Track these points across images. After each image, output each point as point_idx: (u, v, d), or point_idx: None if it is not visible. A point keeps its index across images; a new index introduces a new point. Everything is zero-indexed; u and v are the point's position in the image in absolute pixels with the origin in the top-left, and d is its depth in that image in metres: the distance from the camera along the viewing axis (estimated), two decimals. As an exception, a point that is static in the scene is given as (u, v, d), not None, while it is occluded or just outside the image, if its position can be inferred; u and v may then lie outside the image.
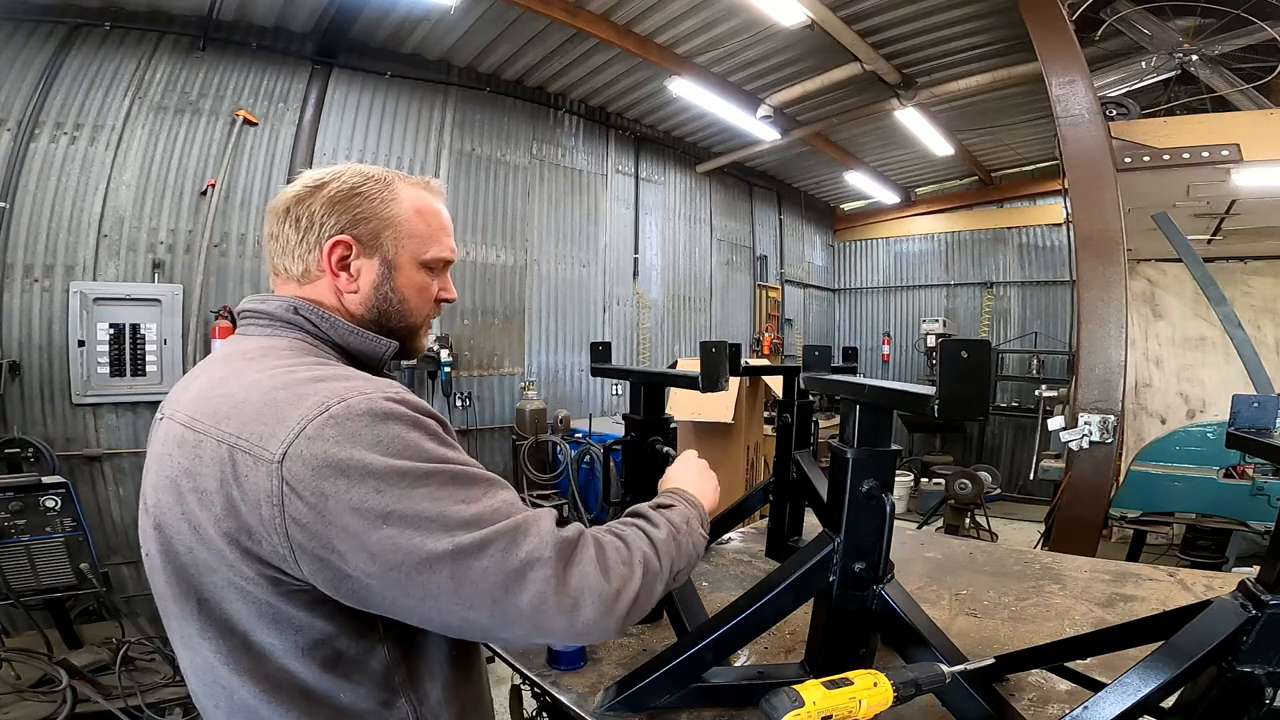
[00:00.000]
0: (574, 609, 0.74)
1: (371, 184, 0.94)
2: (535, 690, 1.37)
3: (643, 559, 0.84)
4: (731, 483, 4.07)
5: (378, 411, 0.73)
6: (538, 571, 0.73)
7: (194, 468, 0.75)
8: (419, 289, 0.98)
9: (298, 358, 0.85)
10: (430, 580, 0.70)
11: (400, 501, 0.70)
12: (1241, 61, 3.89)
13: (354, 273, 0.93)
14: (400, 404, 0.76)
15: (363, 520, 0.69)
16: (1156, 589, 1.77)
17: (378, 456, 0.71)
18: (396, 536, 0.69)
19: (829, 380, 1.25)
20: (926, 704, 1.04)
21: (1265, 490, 3.37)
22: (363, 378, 0.81)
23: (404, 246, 0.95)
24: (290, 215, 0.93)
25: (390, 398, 0.76)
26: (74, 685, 2.62)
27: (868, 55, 5.28)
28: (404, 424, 0.74)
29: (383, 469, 0.70)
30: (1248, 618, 0.83)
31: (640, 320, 7.41)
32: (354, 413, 0.72)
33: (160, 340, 4.27)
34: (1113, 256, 3.41)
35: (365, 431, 0.71)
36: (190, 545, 0.75)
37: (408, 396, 0.79)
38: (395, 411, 0.74)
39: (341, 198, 0.92)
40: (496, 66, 5.84)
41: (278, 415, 0.72)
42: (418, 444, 0.74)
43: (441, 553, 0.70)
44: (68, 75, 4.06)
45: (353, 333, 0.92)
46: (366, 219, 0.92)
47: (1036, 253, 8.85)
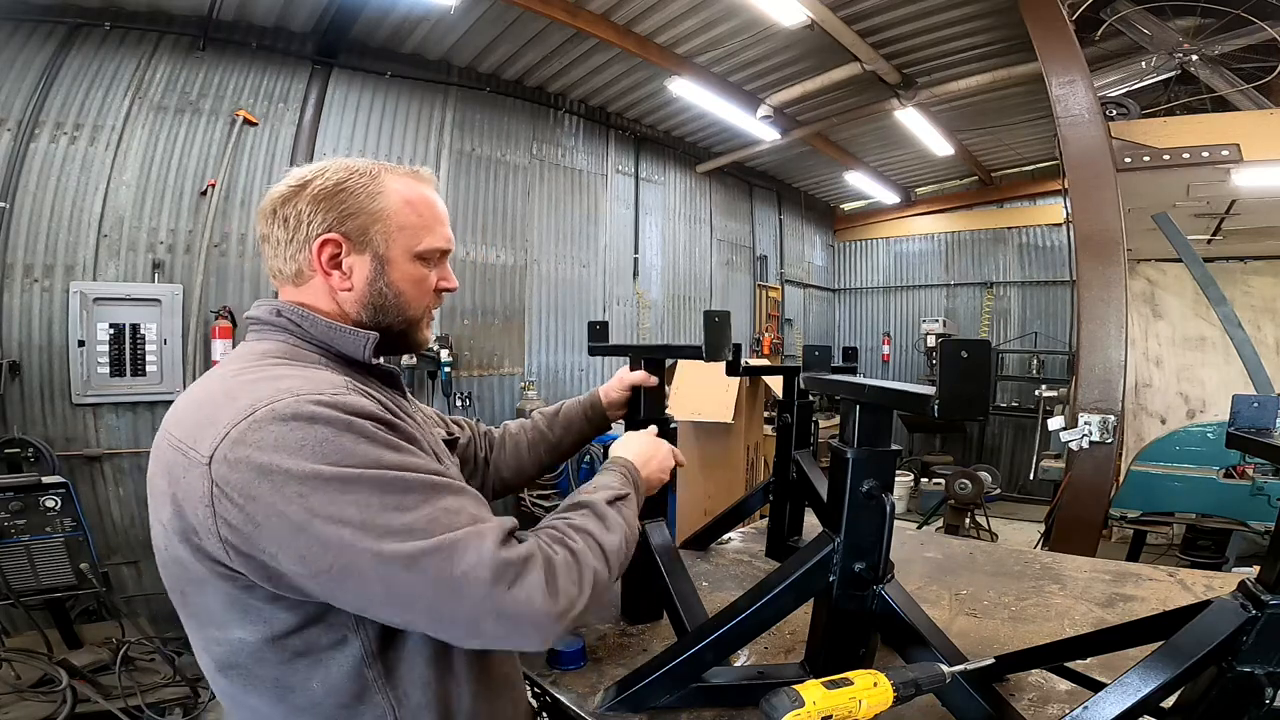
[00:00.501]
0: (512, 629, 0.74)
1: (357, 178, 0.92)
2: (535, 690, 1.37)
3: (593, 577, 0.82)
4: (731, 483, 4.07)
5: (303, 414, 0.72)
6: (473, 590, 0.72)
7: (156, 470, 0.78)
8: (415, 281, 0.96)
9: (262, 360, 0.85)
10: (361, 584, 0.71)
11: (326, 507, 0.69)
12: (1241, 61, 3.89)
13: (346, 270, 0.92)
14: (330, 406, 0.74)
15: (288, 525, 0.69)
16: (1156, 589, 1.77)
17: (300, 460, 0.70)
18: (321, 541, 0.69)
19: (829, 380, 1.25)
20: (926, 704, 1.04)
21: (1265, 490, 3.37)
22: (302, 378, 0.79)
23: (395, 240, 0.93)
24: (278, 216, 0.92)
25: (321, 400, 0.74)
26: (74, 685, 2.62)
27: (868, 55, 5.28)
28: (333, 427, 0.73)
29: (306, 473, 0.70)
30: (1248, 618, 0.83)
31: (640, 320, 7.41)
32: (278, 416, 0.72)
33: (160, 340, 4.27)
34: (1113, 256, 3.41)
35: (288, 434, 0.71)
36: (164, 544, 0.78)
37: (343, 398, 0.77)
38: (322, 415, 0.73)
39: (326, 194, 0.90)
40: (496, 66, 5.84)
41: (211, 418, 0.74)
42: (348, 448, 0.72)
43: (368, 561, 0.69)
44: (68, 75, 4.06)
45: (330, 328, 0.90)
46: (353, 215, 0.91)
47: (1036, 253, 8.85)
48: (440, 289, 1.00)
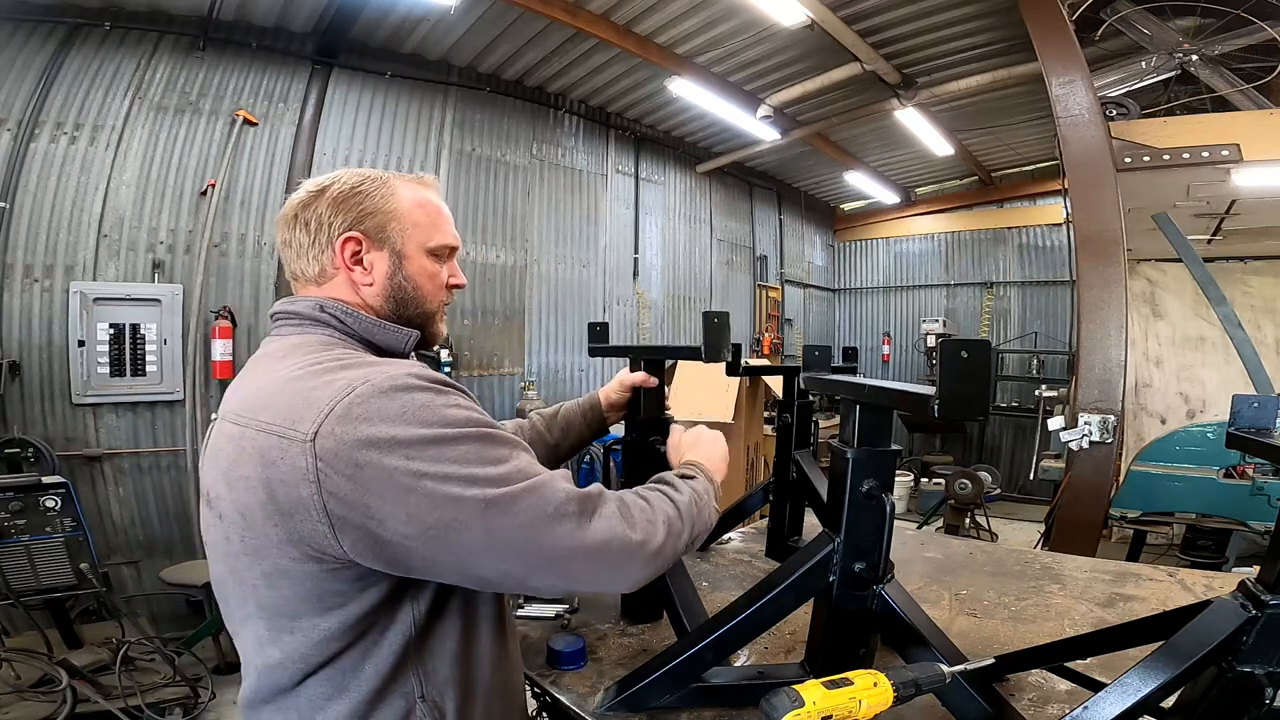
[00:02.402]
0: (600, 556, 0.81)
1: (370, 182, 0.99)
2: (535, 690, 1.37)
3: (665, 518, 0.90)
4: (731, 483, 4.07)
5: (399, 385, 0.78)
6: (564, 525, 0.79)
7: (238, 458, 0.80)
8: (429, 275, 1.02)
9: (326, 351, 0.89)
10: (464, 537, 0.75)
11: (432, 465, 0.74)
12: (1241, 61, 3.89)
13: (367, 266, 0.98)
14: (420, 378, 0.80)
15: (397, 486, 0.73)
16: (1156, 589, 1.77)
17: (405, 427, 0.75)
18: (430, 498, 0.74)
19: (829, 380, 1.24)
20: (926, 704, 1.04)
21: (1265, 490, 3.37)
22: (386, 362, 0.86)
23: (410, 236, 0.99)
24: (299, 220, 0.98)
25: (412, 373, 0.81)
26: (74, 685, 2.62)
27: (868, 55, 5.28)
28: (428, 393, 0.79)
29: (411, 437, 0.75)
30: (1248, 618, 0.83)
31: (640, 320, 7.41)
32: (378, 390, 0.77)
33: (160, 340, 4.27)
34: (1113, 256, 3.41)
35: (390, 405, 0.76)
36: (242, 533, 0.80)
37: (427, 371, 0.83)
38: (417, 384, 0.79)
39: (345, 197, 0.97)
40: (496, 66, 5.84)
41: (307, 400, 0.77)
42: (443, 410, 0.78)
43: (473, 510, 0.75)
44: (68, 75, 4.05)
45: (377, 325, 0.96)
46: (371, 214, 0.97)
47: (1036, 253, 8.85)
48: (451, 285, 1.06)
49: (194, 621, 3.85)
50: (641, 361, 1.59)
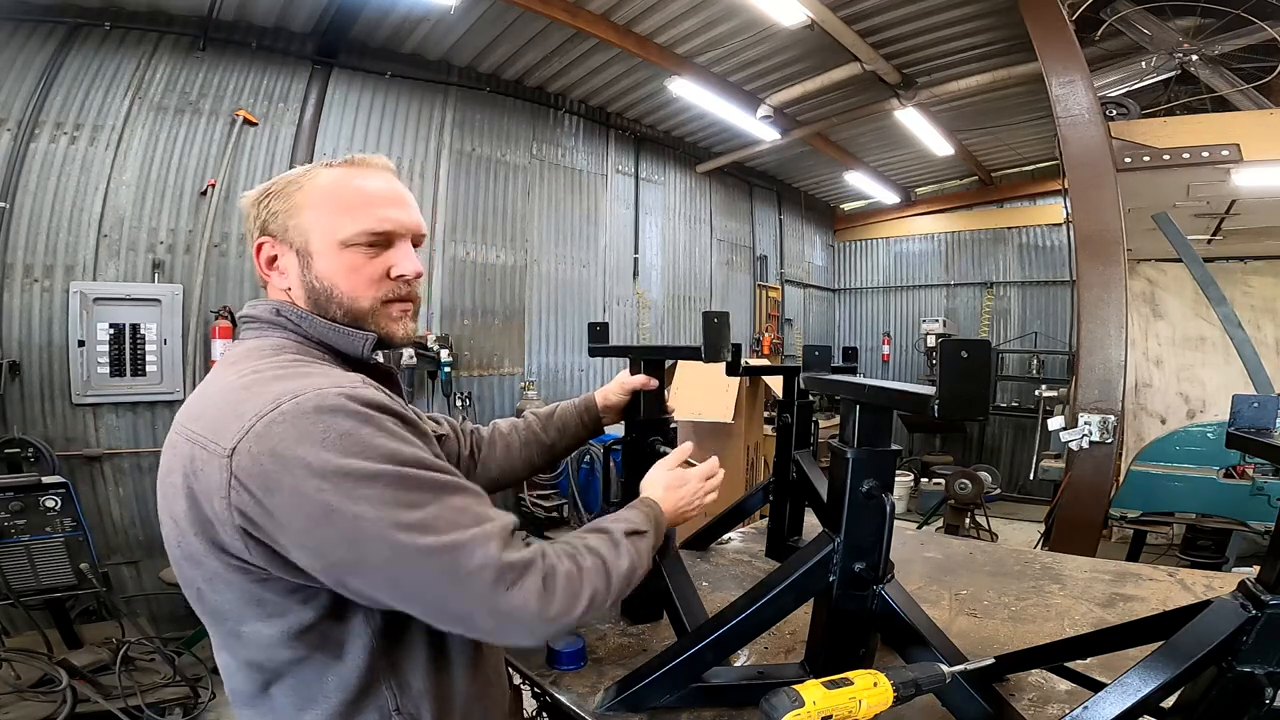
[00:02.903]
0: (502, 626, 0.76)
1: (284, 180, 0.95)
2: (535, 690, 1.37)
3: (592, 593, 0.84)
4: (731, 483, 4.07)
5: (326, 406, 0.74)
6: (475, 588, 0.74)
7: (171, 465, 0.79)
8: (348, 270, 0.91)
9: (274, 357, 0.87)
10: (369, 578, 0.73)
11: (343, 500, 0.70)
12: (1241, 61, 3.89)
13: (282, 269, 0.94)
14: (353, 399, 0.76)
15: (305, 517, 0.71)
16: (1156, 589, 1.77)
17: (324, 453, 0.71)
18: (337, 534, 0.71)
19: (829, 380, 1.24)
20: (926, 704, 1.04)
21: (1265, 490, 3.37)
22: (324, 374, 0.81)
23: (314, 231, 0.91)
24: (243, 231, 0.99)
25: (345, 393, 0.76)
26: (74, 685, 2.62)
27: (868, 55, 5.28)
28: (354, 419, 0.74)
29: (328, 467, 0.71)
30: (1248, 618, 0.83)
31: (640, 320, 7.41)
32: (303, 409, 0.73)
33: (160, 340, 4.27)
34: (1113, 256, 3.40)
35: (313, 427, 0.72)
36: (178, 540, 0.79)
37: (364, 392, 0.78)
38: (345, 407, 0.74)
39: (257, 201, 0.95)
40: (496, 66, 5.84)
41: (235, 411, 0.75)
42: (367, 440, 0.74)
43: (379, 555, 0.71)
44: (68, 75, 4.05)
45: (330, 329, 0.92)
46: (275, 214, 0.93)
47: (1036, 253, 8.85)
48: (392, 277, 0.94)
49: (194, 621, 3.85)
50: (641, 363, 1.59)
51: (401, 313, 0.97)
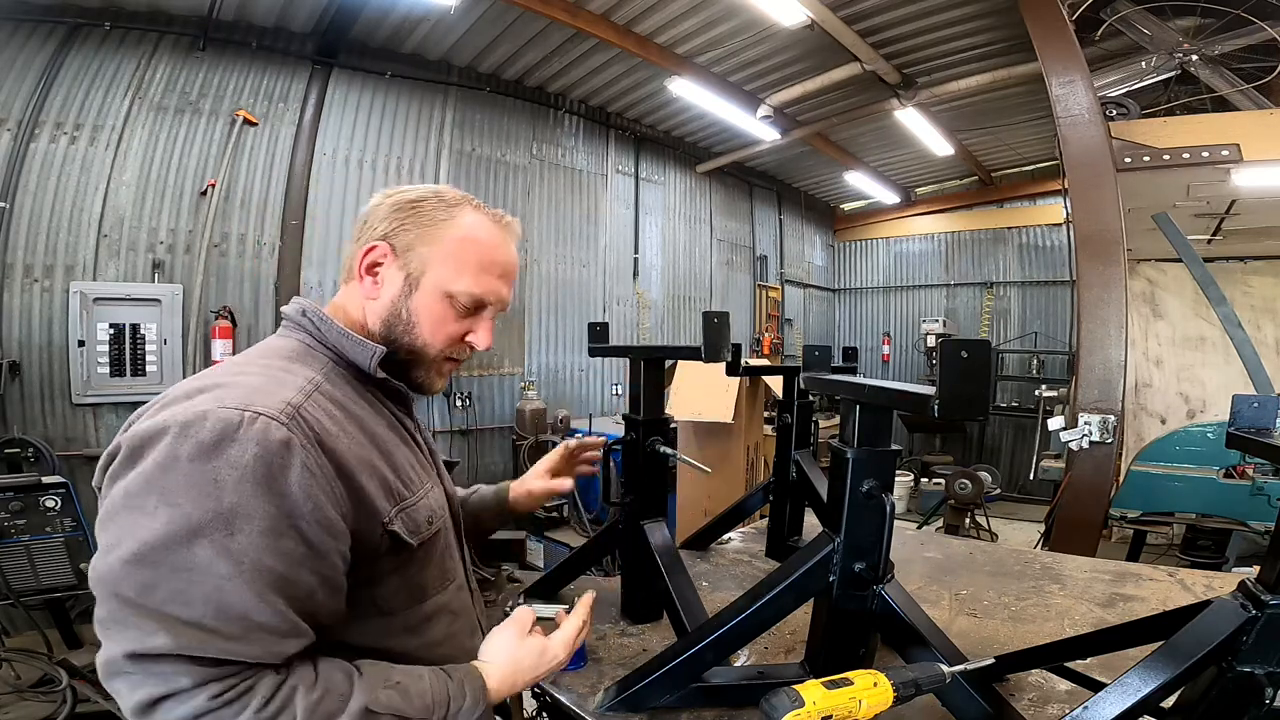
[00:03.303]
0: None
1: (433, 201, 0.93)
2: (535, 690, 1.37)
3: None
4: (731, 483, 4.07)
5: (208, 437, 0.70)
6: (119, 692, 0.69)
7: None
8: (437, 319, 0.92)
9: (271, 359, 0.87)
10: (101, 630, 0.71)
11: (108, 550, 0.69)
12: (1241, 61, 3.89)
13: (379, 280, 0.93)
14: (245, 437, 0.71)
15: (102, 545, 0.71)
16: (1156, 589, 1.77)
17: (148, 483, 0.70)
18: (105, 581, 0.69)
19: (829, 380, 1.24)
20: (926, 704, 1.04)
21: (1265, 490, 3.37)
22: (263, 388, 0.77)
23: (433, 268, 0.91)
24: (362, 218, 0.96)
25: (248, 423, 0.72)
26: (74, 685, 2.61)
27: (868, 55, 5.28)
28: (211, 462, 0.70)
29: (141, 504, 0.69)
30: (1248, 618, 0.83)
31: (640, 320, 7.41)
32: (184, 427, 0.71)
33: (160, 340, 4.27)
34: (1113, 256, 3.41)
35: (169, 451, 0.71)
36: None
37: (271, 434, 0.72)
38: (223, 440, 0.70)
39: (400, 206, 0.93)
40: (496, 66, 5.84)
41: (164, 407, 0.77)
42: (198, 494, 0.69)
43: (109, 628, 0.69)
44: (68, 75, 4.05)
45: (343, 336, 0.90)
46: (409, 230, 0.91)
47: (1036, 253, 8.85)
48: (466, 341, 0.96)
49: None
50: (641, 362, 1.59)
51: (450, 369, 0.99)
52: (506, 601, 1.71)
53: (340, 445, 0.79)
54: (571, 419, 5.94)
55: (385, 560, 0.85)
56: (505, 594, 1.79)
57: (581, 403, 6.68)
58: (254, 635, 0.69)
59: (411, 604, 0.90)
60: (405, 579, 0.88)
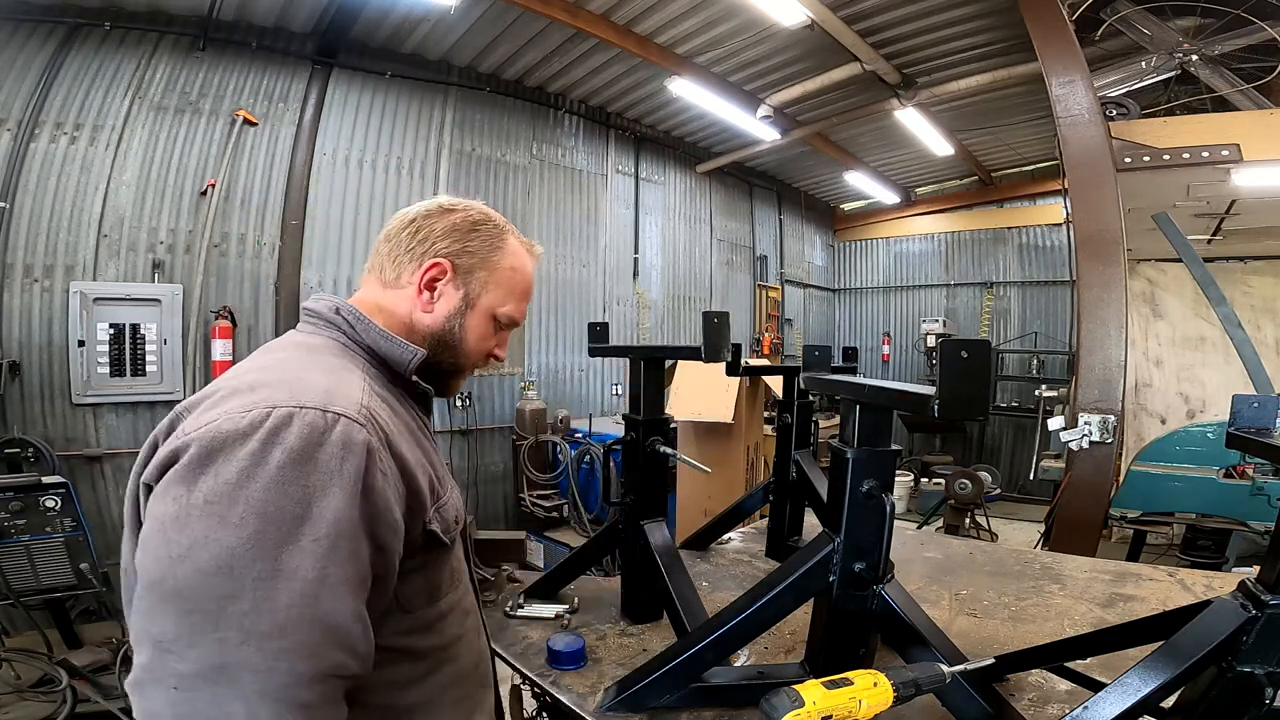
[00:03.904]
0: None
1: (490, 226, 1.02)
2: (535, 690, 1.37)
3: None
4: (731, 483, 4.07)
5: (262, 440, 0.69)
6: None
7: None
8: (480, 336, 1.02)
9: (306, 355, 0.88)
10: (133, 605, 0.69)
11: (181, 559, 0.65)
12: (1241, 61, 3.89)
13: (436, 295, 0.97)
14: (303, 437, 0.70)
15: (146, 552, 0.68)
16: (1156, 589, 1.77)
17: (195, 491, 0.67)
18: (151, 592, 0.67)
19: (829, 380, 1.25)
20: (926, 704, 1.05)
21: (1265, 490, 3.37)
22: (330, 388, 0.77)
23: (489, 292, 1.00)
24: (414, 225, 0.99)
25: (310, 425, 0.71)
26: (74, 685, 2.61)
27: (868, 55, 5.28)
28: (269, 469, 0.68)
29: (186, 511, 0.67)
30: (1248, 618, 0.83)
31: (640, 320, 7.41)
32: (237, 432, 0.70)
33: (160, 340, 4.26)
34: (1113, 256, 3.41)
35: (220, 457, 0.69)
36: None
37: (334, 432, 0.72)
38: (273, 445, 0.69)
39: (462, 227, 0.99)
40: (496, 66, 5.84)
41: (210, 407, 0.75)
42: (245, 504, 0.67)
43: (146, 577, 0.67)
44: (68, 75, 4.05)
45: (383, 337, 0.93)
46: (471, 254, 0.99)
47: (1036, 253, 8.85)
48: (491, 354, 1.06)
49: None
50: (641, 363, 1.59)
51: (466, 376, 1.08)
52: (506, 602, 1.71)
53: (402, 446, 0.82)
54: (571, 419, 5.94)
55: (416, 556, 0.86)
56: (505, 594, 1.79)
57: (581, 403, 6.68)
58: (335, 643, 0.69)
59: (429, 602, 0.91)
60: (426, 577, 0.90)
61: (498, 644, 1.46)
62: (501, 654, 1.44)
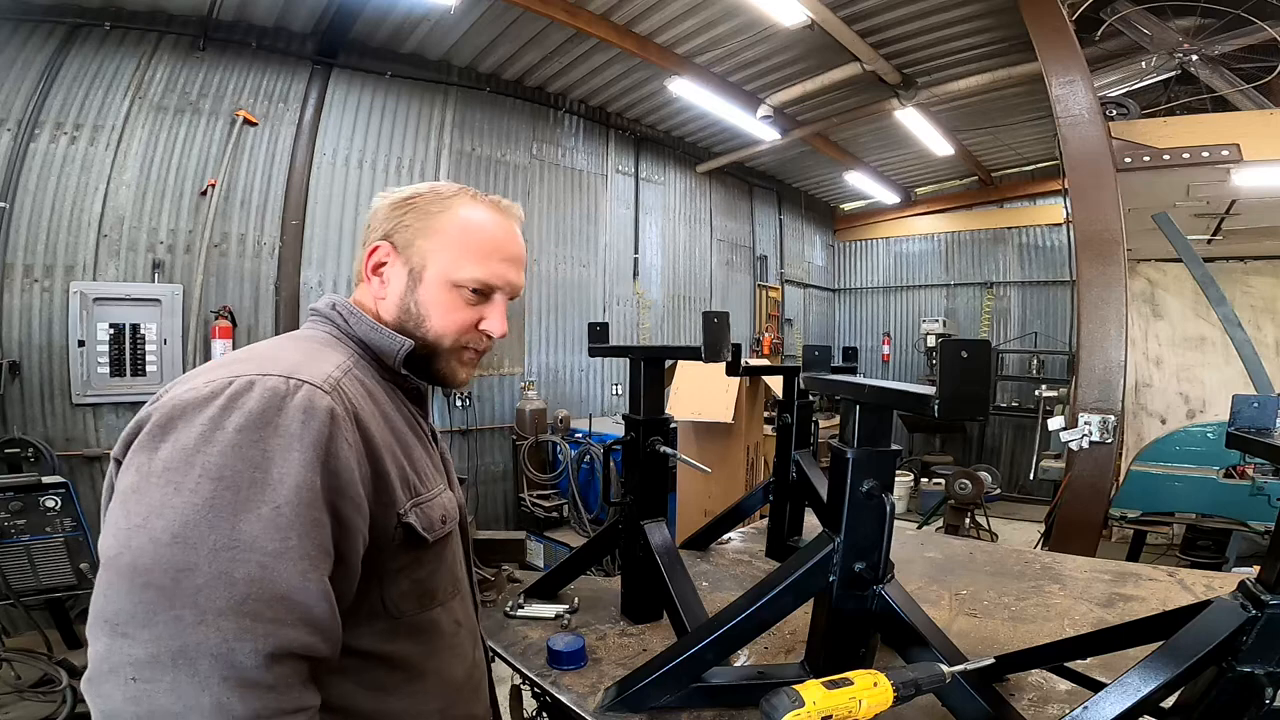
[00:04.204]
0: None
1: (429, 194, 0.95)
2: (535, 690, 1.37)
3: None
4: (731, 483, 4.07)
5: (221, 406, 0.68)
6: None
7: None
8: (446, 309, 0.92)
9: (288, 340, 0.89)
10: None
11: (137, 529, 0.63)
12: (1241, 61, 3.89)
13: (385, 279, 0.94)
14: (263, 403, 0.69)
15: (112, 520, 0.67)
16: (1156, 589, 1.77)
17: (160, 457, 0.66)
18: (111, 555, 0.64)
19: (829, 380, 1.25)
20: (926, 704, 1.04)
21: (1265, 490, 3.37)
22: (300, 362, 0.77)
23: (434, 260, 0.92)
24: (366, 222, 0.98)
25: (265, 395, 0.70)
26: (74, 685, 2.61)
27: (868, 55, 5.28)
28: (227, 434, 0.67)
29: (150, 478, 0.66)
30: (1248, 618, 0.83)
31: (640, 320, 7.41)
32: (200, 399, 0.70)
33: (160, 340, 4.26)
34: (1113, 256, 3.41)
35: (186, 420, 0.68)
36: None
37: (294, 399, 0.71)
38: (231, 411, 0.68)
39: (396, 204, 0.95)
40: (496, 66, 5.84)
41: (185, 379, 0.75)
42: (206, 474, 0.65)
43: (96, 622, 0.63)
44: (68, 75, 4.05)
45: (372, 329, 0.92)
46: (408, 226, 0.93)
47: (1036, 253, 8.85)
48: (481, 330, 0.95)
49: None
50: (641, 364, 1.59)
51: (471, 359, 0.98)
52: (506, 602, 1.71)
53: (372, 426, 0.80)
54: (571, 419, 5.94)
55: (398, 556, 0.84)
56: (505, 594, 1.79)
57: (581, 403, 6.68)
58: (299, 621, 0.66)
59: (420, 609, 0.89)
60: (416, 581, 0.88)
61: (498, 644, 1.46)
62: (501, 654, 1.44)
